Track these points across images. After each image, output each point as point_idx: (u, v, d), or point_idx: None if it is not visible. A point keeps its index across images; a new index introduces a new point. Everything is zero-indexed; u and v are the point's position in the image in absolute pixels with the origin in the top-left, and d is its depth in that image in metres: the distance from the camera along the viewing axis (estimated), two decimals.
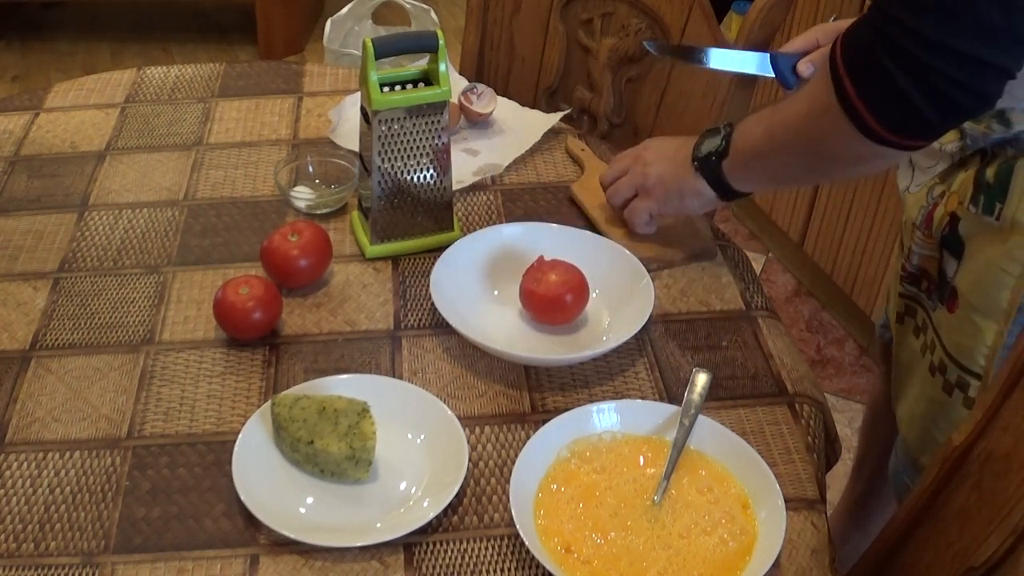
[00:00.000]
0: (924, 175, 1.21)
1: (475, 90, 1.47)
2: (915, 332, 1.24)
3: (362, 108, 1.20)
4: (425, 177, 1.22)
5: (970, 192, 1.09)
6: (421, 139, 1.20)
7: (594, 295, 1.17)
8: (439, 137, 1.21)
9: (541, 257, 1.16)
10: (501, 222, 1.30)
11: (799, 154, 1.08)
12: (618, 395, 1.07)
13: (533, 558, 0.89)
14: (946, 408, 1.18)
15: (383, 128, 1.18)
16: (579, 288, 1.14)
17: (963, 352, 1.13)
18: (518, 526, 0.90)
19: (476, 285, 1.20)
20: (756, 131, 1.12)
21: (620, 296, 1.17)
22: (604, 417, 1.01)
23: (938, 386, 1.18)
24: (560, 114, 1.48)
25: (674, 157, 1.20)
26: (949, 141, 1.14)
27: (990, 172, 1.06)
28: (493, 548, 0.93)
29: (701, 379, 1.04)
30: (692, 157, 1.17)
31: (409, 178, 1.22)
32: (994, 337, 1.09)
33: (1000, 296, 1.07)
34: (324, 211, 1.32)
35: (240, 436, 0.99)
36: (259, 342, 1.13)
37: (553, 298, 1.13)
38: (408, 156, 1.20)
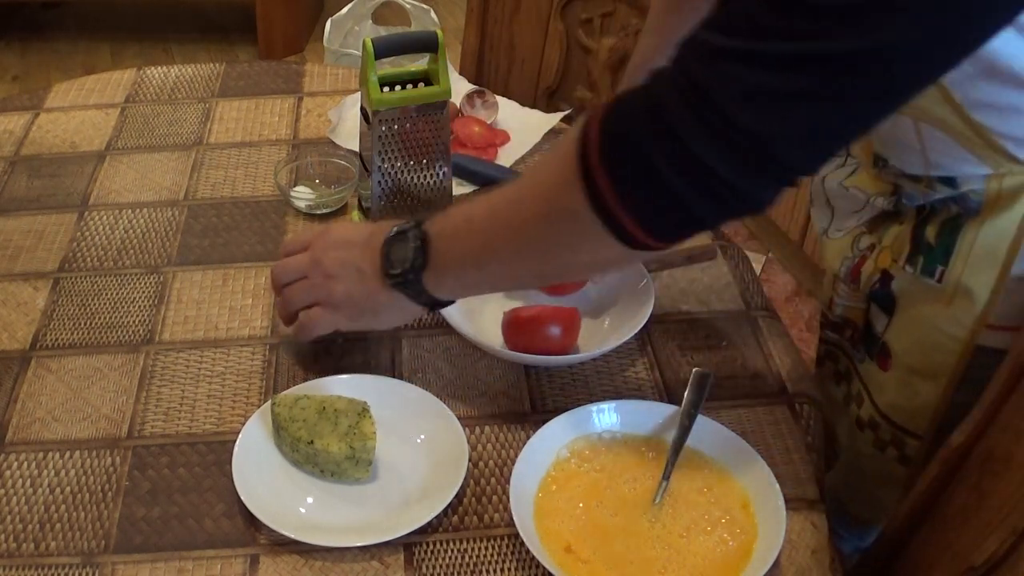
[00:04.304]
0: (847, 220, 1.13)
1: (483, 95, 1.46)
2: (835, 378, 1.19)
3: (362, 108, 1.20)
4: (425, 177, 1.22)
5: (907, 251, 1.01)
6: (421, 139, 1.20)
7: (594, 295, 1.17)
8: (439, 137, 1.20)
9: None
10: None
11: (532, 260, 0.91)
12: (618, 395, 1.07)
13: (533, 558, 0.89)
14: (878, 463, 1.13)
15: (383, 128, 1.18)
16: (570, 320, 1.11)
17: (901, 413, 1.08)
18: (518, 526, 0.89)
19: None
20: (466, 238, 0.93)
21: (620, 296, 1.17)
22: (604, 417, 1.01)
23: (869, 441, 1.14)
24: (560, 114, 1.48)
25: (360, 267, 1.00)
26: (879, 195, 1.06)
27: (931, 231, 0.98)
28: (493, 548, 0.93)
29: (701, 379, 1.04)
30: (383, 271, 0.97)
31: (409, 178, 1.22)
32: (937, 400, 1.03)
33: (945, 360, 1.00)
34: (324, 211, 1.32)
35: (240, 436, 0.99)
36: (259, 342, 1.13)
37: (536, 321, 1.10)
38: (408, 156, 1.20)
